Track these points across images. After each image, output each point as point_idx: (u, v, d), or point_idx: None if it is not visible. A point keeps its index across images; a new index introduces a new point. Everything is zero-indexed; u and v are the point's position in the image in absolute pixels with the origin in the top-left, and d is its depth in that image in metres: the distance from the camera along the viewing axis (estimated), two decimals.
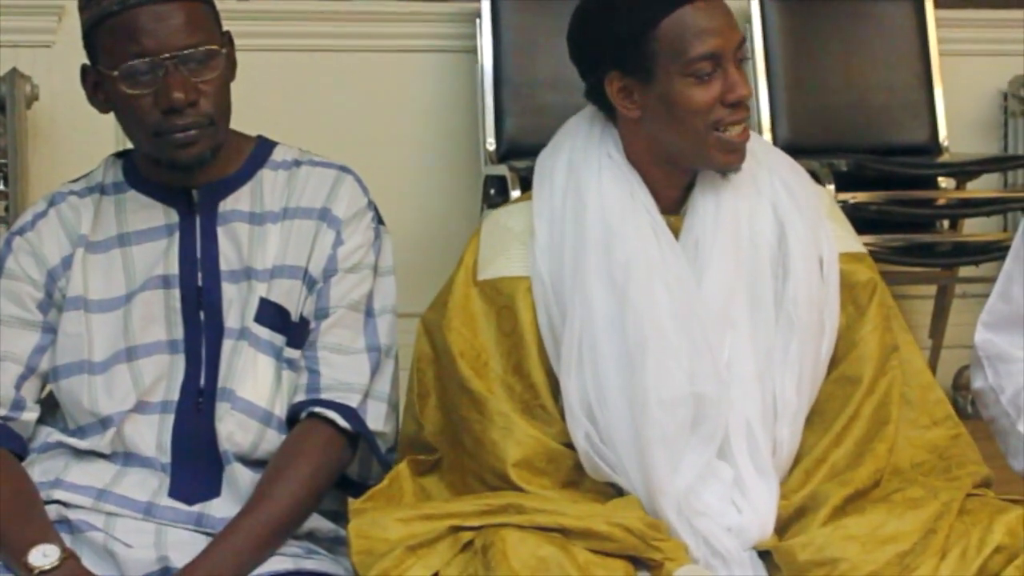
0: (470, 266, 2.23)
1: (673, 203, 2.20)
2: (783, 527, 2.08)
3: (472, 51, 4.27)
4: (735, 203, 2.18)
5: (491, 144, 4.15)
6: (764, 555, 2.07)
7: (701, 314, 2.12)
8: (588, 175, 2.19)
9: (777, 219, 2.19)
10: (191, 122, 2.15)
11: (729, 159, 2.15)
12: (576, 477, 2.12)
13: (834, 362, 2.19)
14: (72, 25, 3.86)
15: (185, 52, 2.14)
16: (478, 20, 4.24)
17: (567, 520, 1.98)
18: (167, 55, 2.13)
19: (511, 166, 3.95)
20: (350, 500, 2.09)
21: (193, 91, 2.14)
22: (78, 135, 3.88)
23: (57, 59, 3.89)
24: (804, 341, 2.14)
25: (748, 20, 4.44)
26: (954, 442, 2.20)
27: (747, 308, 2.15)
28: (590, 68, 2.19)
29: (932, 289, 4.54)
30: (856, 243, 2.28)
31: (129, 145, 2.31)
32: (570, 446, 2.13)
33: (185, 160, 2.18)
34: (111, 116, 2.25)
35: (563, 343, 2.14)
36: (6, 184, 3.76)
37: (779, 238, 2.19)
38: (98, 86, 2.21)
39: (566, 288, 2.15)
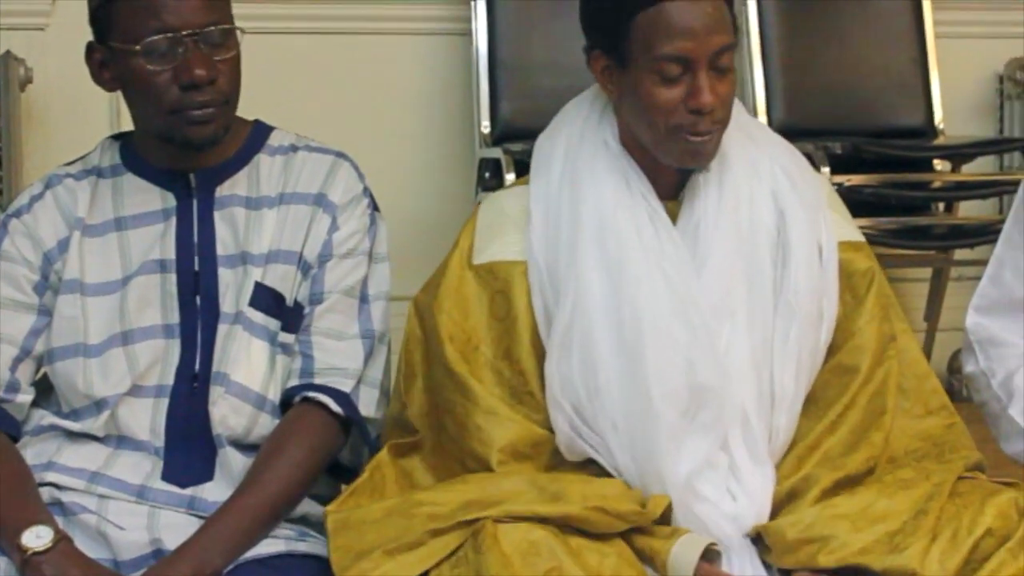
0: (465, 249, 2.23)
1: (671, 188, 2.19)
2: (774, 511, 2.08)
3: (467, 33, 4.26)
4: (735, 189, 2.17)
5: (486, 127, 4.15)
6: (757, 540, 2.08)
7: (700, 302, 2.12)
8: (584, 163, 2.19)
9: (777, 206, 2.19)
10: (209, 100, 2.16)
11: (688, 161, 2.14)
12: (557, 462, 2.13)
13: (831, 351, 2.18)
14: (66, 7, 3.86)
15: (205, 30, 2.14)
16: (473, 2, 4.24)
17: (542, 508, 1.98)
18: (188, 32, 2.13)
19: (506, 149, 3.95)
20: (326, 509, 2.09)
21: (213, 69, 2.14)
22: (72, 118, 3.88)
23: (51, 42, 3.88)
24: (803, 329, 2.14)
25: (744, 2, 4.43)
26: (948, 431, 2.20)
27: (746, 296, 2.15)
28: (585, 42, 2.19)
29: (927, 272, 4.54)
30: (854, 231, 2.27)
31: (125, 127, 2.31)
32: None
33: (199, 138, 2.18)
34: (105, 99, 2.25)
35: (553, 327, 2.14)
36: (0, 167, 3.75)
37: (778, 225, 2.18)
38: (104, 64, 2.21)
39: (561, 275, 2.15)
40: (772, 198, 2.20)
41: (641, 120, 2.13)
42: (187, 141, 2.18)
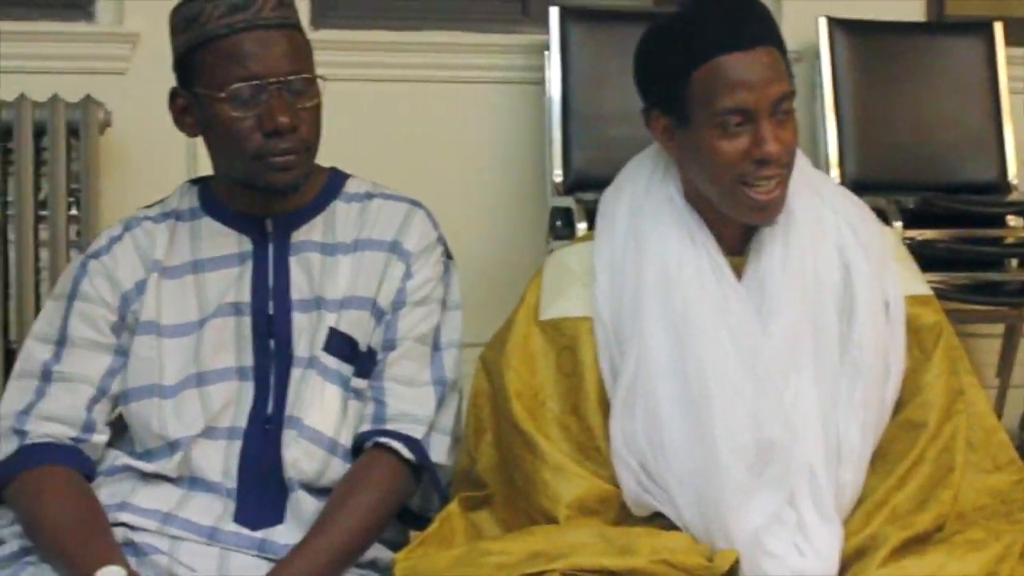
0: (532, 305, 2.24)
1: (736, 243, 2.19)
2: (842, 567, 2.07)
3: (540, 83, 4.27)
4: (800, 244, 2.17)
5: (558, 176, 4.15)
6: None
7: (766, 357, 2.11)
8: (648, 219, 2.19)
9: (842, 261, 2.18)
10: (291, 147, 2.18)
11: (755, 216, 2.14)
12: (624, 516, 2.13)
13: (899, 406, 2.17)
14: (146, 52, 3.91)
15: (289, 78, 2.17)
16: (546, 52, 4.25)
17: (608, 561, 1.98)
18: (273, 79, 2.16)
19: (578, 198, 3.95)
20: (395, 556, 2.10)
21: (295, 116, 2.17)
22: (150, 161, 3.92)
23: (130, 86, 3.92)
24: (869, 385, 2.13)
25: (817, 55, 4.43)
26: (1016, 487, 2.19)
27: (811, 351, 2.14)
28: (642, 103, 2.20)
29: (1000, 328, 4.51)
30: (922, 285, 2.26)
31: (201, 172, 2.33)
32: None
33: (281, 184, 2.21)
34: (183, 143, 2.28)
35: (617, 383, 2.14)
36: (78, 209, 3.80)
37: (844, 280, 2.18)
38: (187, 110, 2.24)
39: (626, 331, 2.16)
40: (837, 253, 2.19)
41: (706, 175, 2.14)
42: (269, 187, 2.21)
